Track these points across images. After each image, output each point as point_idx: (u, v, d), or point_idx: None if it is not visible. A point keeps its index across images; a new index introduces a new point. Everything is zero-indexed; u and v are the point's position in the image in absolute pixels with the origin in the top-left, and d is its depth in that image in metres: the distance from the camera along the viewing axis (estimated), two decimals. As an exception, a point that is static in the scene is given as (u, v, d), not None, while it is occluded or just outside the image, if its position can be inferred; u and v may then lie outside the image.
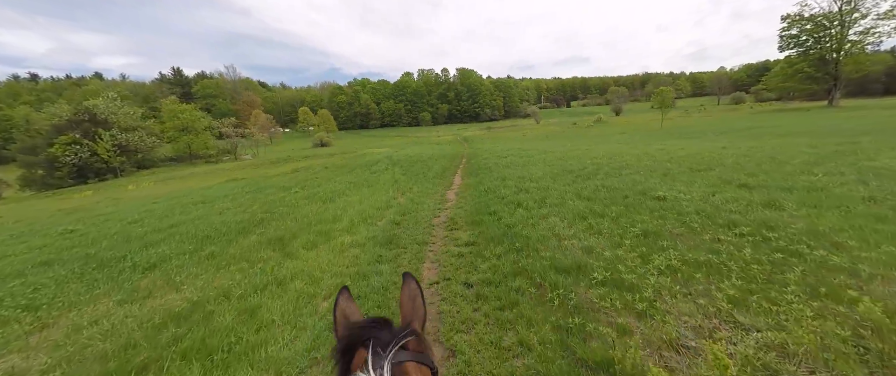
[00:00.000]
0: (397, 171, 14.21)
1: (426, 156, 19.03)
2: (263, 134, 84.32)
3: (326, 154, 28.57)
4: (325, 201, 9.35)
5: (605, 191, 6.63)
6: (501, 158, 14.77)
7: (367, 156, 23.05)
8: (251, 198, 10.88)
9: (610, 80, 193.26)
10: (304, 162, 23.25)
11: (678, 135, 19.84)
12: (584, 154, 13.51)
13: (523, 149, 18.46)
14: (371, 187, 11.17)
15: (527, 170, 10.77)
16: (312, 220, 7.04)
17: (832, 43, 34.43)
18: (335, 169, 17.45)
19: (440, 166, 14.99)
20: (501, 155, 16.12)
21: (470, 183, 10.40)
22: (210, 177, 20.53)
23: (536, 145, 21.05)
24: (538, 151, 16.33)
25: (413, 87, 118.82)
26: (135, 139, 26.00)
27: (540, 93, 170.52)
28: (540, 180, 8.82)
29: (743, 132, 17.85)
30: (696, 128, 24.55)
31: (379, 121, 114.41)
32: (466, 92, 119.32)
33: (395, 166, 16.10)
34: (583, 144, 18.97)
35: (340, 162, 20.91)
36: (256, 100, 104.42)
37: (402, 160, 17.92)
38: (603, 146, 16.39)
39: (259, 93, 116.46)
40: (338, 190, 10.91)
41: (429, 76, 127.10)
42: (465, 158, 18.16)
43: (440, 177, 12.48)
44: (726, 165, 7.97)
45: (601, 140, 21.17)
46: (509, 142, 27.38)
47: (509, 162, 13.33)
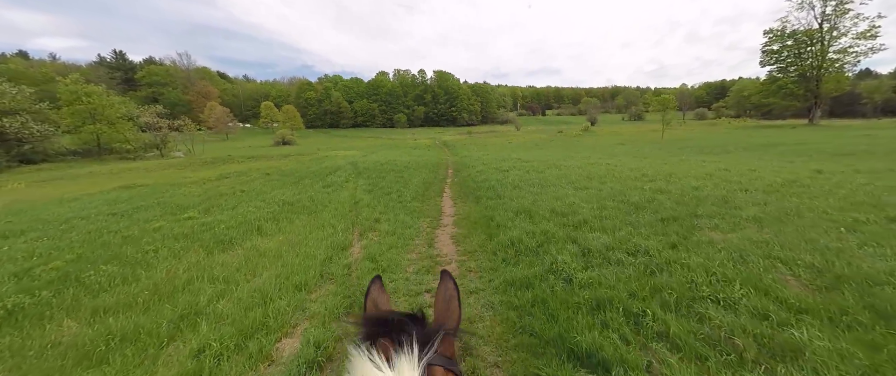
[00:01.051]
0: (361, 187, 10.13)
1: (401, 163, 15.06)
2: (218, 128, 75.87)
3: (280, 155, 23.62)
4: (217, 246, 5.16)
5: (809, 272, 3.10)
6: (502, 172, 11.16)
7: (328, 160, 18.60)
8: (99, 227, 6.34)
9: (582, 91, 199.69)
10: (245, 164, 18.38)
11: (698, 150, 17.37)
12: (615, 170, 10.25)
13: (522, 159, 15.03)
14: (314, 214, 7.07)
15: (555, 196, 7.17)
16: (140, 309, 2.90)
17: (813, 60, 35.07)
18: (279, 177, 12.99)
19: (420, 180, 11.10)
20: (499, 166, 12.52)
21: (471, 214, 6.65)
22: (105, 179, 15.13)
23: (533, 155, 17.77)
24: (544, 163, 12.93)
25: (388, 87, 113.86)
26: (15, 125, 19.46)
27: (516, 100, 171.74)
28: (597, 220, 5.20)
29: (776, 149, 15.65)
30: (705, 141, 22.53)
31: (351, 121, 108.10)
32: (444, 95, 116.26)
33: (359, 177, 11.99)
34: (594, 156, 15.86)
35: (291, 166, 16.36)
36: (213, 92, 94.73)
37: (370, 168, 13.81)
38: (625, 160, 13.30)
39: (217, 84, 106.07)
40: (257, 218, 6.70)
41: (405, 77, 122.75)
42: (452, 169, 14.40)
43: (421, 197, 8.61)
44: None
45: (608, 152, 18.28)
46: (498, 149, 24.02)
47: (517, 178, 9.72)
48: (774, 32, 37.72)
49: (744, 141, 20.70)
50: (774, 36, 37.74)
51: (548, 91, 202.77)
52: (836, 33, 33.36)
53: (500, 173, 11.01)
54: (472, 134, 57.05)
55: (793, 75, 37.28)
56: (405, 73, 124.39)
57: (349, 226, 6.17)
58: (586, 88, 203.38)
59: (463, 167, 14.02)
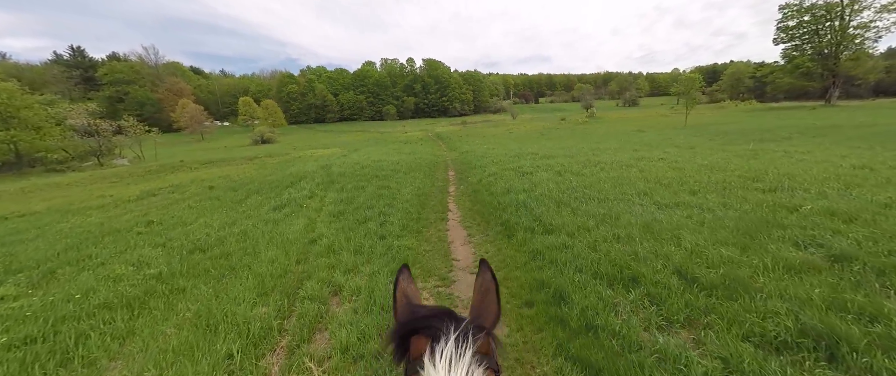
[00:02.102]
0: (327, 208, 6.99)
1: (388, 165, 11.87)
2: (192, 128, 70.82)
3: (246, 157, 20.06)
4: None
5: None
6: (525, 175, 8.11)
7: (299, 162, 15.24)
8: None
9: (574, 78, 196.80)
10: (194, 173, 14.90)
11: (742, 135, 14.47)
12: (687, 170, 7.25)
13: (539, 154, 11.95)
14: (229, 279, 3.97)
15: (648, 226, 4.12)
16: None
17: (832, 36, 32.53)
18: (223, 192, 9.68)
19: (412, 191, 7.96)
20: (516, 166, 9.45)
21: (513, 275, 3.56)
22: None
23: (548, 147, 14.71)
24: (572, 160, 9.91)
25: (375, 77, 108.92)
26: None
27: (508, 88, 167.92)
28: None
29: (840, 132, 12.90)
30: (739, 125, 19.65)
31: (337, 115, 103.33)
32: (434, 84, 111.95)
33: (329, 189, 8.79)
34: (626, 148, 12.85)
35: (250, 173, 13.00)
36: (185, 89, 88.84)
37: (347, 174, 10.58)
38: (680, 155, 10.29)
39: (190, 80, 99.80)
40: (99, 306, 3.49)
41: (393, 66, 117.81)
42: (453, 170, 11.26)
43: (414, 225, 5.59)
44: None
45: (635, 142, 15.30)
46: (502, 141, 20.86)
47: (553, 187, 6.67)
48: (791, 7, 34.96)
49: (782, 124, 17.99)
50: (791, 11, 35.01)
51: (540, 78, 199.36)
52: (858, 7, 30.76)
53: (522, 178, 7.93)
54: (466, 124, 53.72)
55: (808, 53, 34.73)
56: (393, 62, 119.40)
57: (280, 311, 3.08)
58: (578, 75, 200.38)
59: (468, 167, 10.88)
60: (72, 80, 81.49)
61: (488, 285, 0.77)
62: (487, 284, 0.77)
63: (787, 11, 35.37)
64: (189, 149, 40.44)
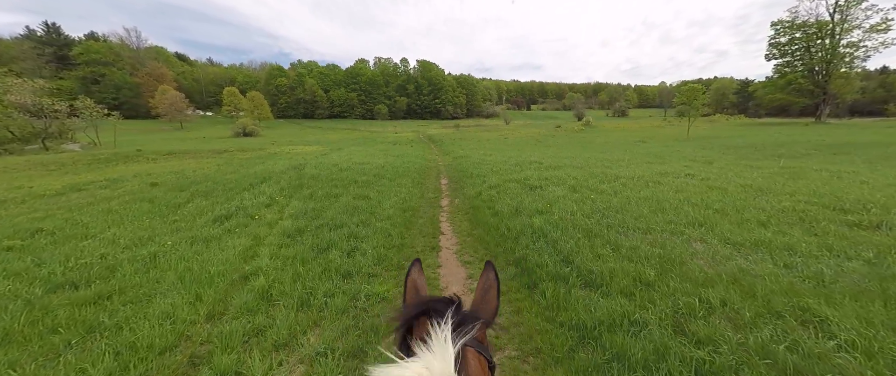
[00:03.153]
0: (285, 223, 5.42)
1: (373, 168, 10.29)
2: (171, 115, 67.19)
3: (214, 150, 18.02)
4: None
5: None
6: (534, 190, 6.68)
7: (271, 160, 13.45)
8: None
9: (565, 87, 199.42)
10: (149, 165, 12.90)
11: (756, 150, 13.51)
12: (730, 192, 5.95)
13: (545, 163, 10.58)
14: (75, 349, 2.21)
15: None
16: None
17: (823, 54, 32.87)
18: (166, 191, 7.90)
19: (396, 204, 6.44)
20: (522, 178, 8.01)
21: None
22: None
23: (551, 156, 13.40)
24: (587, 173, 8.55)
25: (368, 75, 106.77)
26: None
27: (500, 94, 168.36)
28: None
29: (861, 151, 12.05)
30: (744, 139, 18.89)
31: (327, 111, 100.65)
32: (428, 86, 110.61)
33: (296, 194, 7.19)
34: (639, 160, 11.64)
35: (210, 169, 11.16)
36: (166, 74, 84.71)
37: (322, 177, 8.95)
38: (704, 170, 9.03)
39: (174, 66, 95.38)
40: None
41: (387, 66, 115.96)
42: (446, 178, 9.77)
43: (394, 256, 3.99)
44: None
45: (644, 154, 14.18)
46: (499, 147, 19.50)
47: (576, 209, 5.24)
48: (783, 23, 35.31)
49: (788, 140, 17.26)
50: (783, 27, 35.36)
51: (532, 86, 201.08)
52: (847, 26, 31.17)
53: (531, 194, 6.51)
54: (459, 127, 52.46)
55: (800, 70, 35.08)
56: (387, 61, 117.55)
57: None
58: (570, 84, 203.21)
59: (464, 176, 9.40)
60: (43, 57, 76.34)
61: (491, 283, 0.83)
62: (490, 282, 0.83)
63: (780, 28, 35.76)
64: (159, 137, 37.68)
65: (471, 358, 0.63)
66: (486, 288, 0.83)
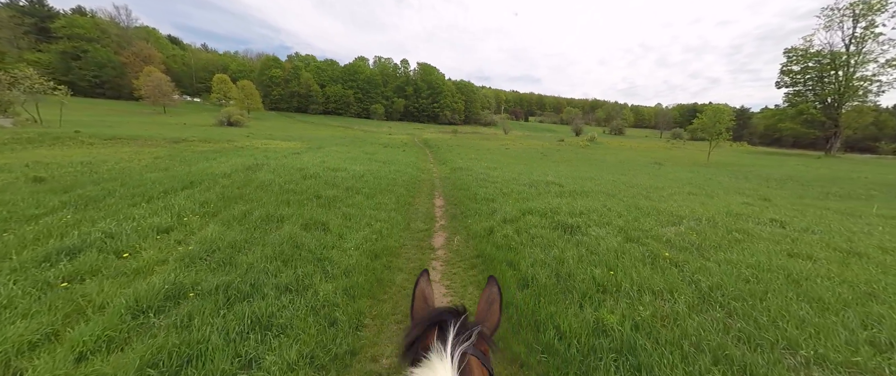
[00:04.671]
0: (167, 268, 3.03)
1: (348, 177, 8.03)
2: (154, 98, 63.65)
3: (171, 138, 15.34)
4: None
5: None
6: (566, 229, 4.48)
7: (230, 155, 11.03)
8: None
9: (563, 101, 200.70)
10: (71, 150, 10.36)
11: (803, 185, 11.64)
12: (878, 259, 3.86)
13: (564, 185, 8.44)
14: None
15: None
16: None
17: (837, 86, 31.98)
18: (28, 196, 5.44)
19: (367, 237, 4.18)
20: (548, 208, 5.85)
21: None
22: None
23: (567, 174, 11.30)
24: (636, 205, 6.43)
25: (367, 73, 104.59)
26: None
27: (499, 103, 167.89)
28: None
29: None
30: (774, 171, 17.16)
31: (321, 107, 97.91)
32: (427, 89, 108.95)
33: (222, 212, 4.90)
34: (679, 191, 9.61)
35: (136, 164, 8.70)
36: (155, 56, 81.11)
37: (275, 185, 6.66)
38: (783, 212, 6.96)
39: (164, 48, 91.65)
40: None
41: (386, 65, 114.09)
42: (441, 197, 7.54)
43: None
44: None
45: (673, 181, 12.21)
46: (502, 158, 17.37)
47: (671, 281, 3.03)
48: (796, 52, 34.46)
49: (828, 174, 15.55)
50: (796, 55, 34.50)
51: (530, 97, 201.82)
52: (862, 59, 30.40)
53: (569, 241, 4.32)
54: (457, 133, 50.43)
55: (811, 100, 34.19)
56: (387, 61, 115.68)
57: None
58: (568, 98, 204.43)
59: (466, 196, 7.17)
60: (21, 27, 71.90)
61: (493, 297, 0.86)
62: (493, 297, 0.86)
63: (793, 55, 34.87)
64: (134, 120, 34.57)
65: (474, 367, 0.65)
66: (490, 301, 0.85)
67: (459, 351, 0.62)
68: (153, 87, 64.90)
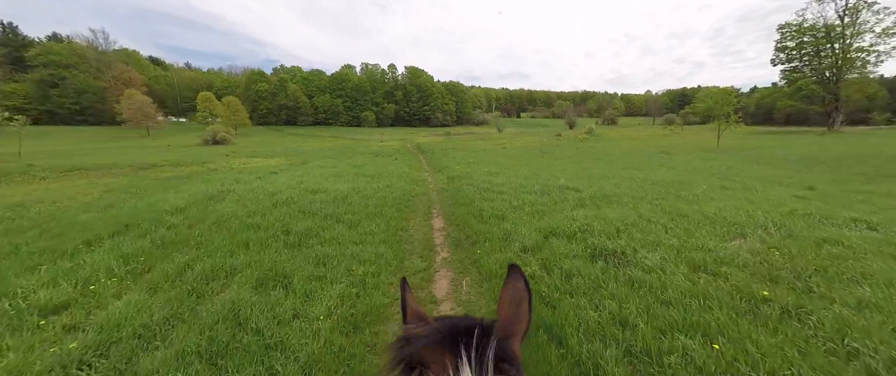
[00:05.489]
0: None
1: (329, 200, 6.85)
2: (137, 121, 61.79)
3: (137, 166, 13.83)
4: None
5: None
6: (618, 260, 3.29)
7: (198, 180, 9.74)
8: None
9: (554, 95, 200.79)
10: (8, 189, 9.07)
11: (843, 170, 10.60)
12: None
13: (584, 188, 7.29)
14: None
15: None
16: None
17: (835, 59, 31.29)
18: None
19: (343, 294, 2.93)
20: (576, 226, 4.68)
21: None
22: None
23: (573, 173, 10.18)
24: (684, 209, 5.30)
25: (355, 81, 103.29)
26: None
27: (490, 101, 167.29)
28: None
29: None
30: (789, 151, 16.18)
31: (311, 118, 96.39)
32: (417, 93, 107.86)
33: (143, 276, 3.59)
34: (712, 183, 8.54)
35: (83, 199, 7.42)
36: (136, 78, 79.28)
37: (236, 219, 5.45)
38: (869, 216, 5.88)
39: (145, 69, 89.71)
40: None
41: (374, 72, 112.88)
42: (440, 215, 6.33)
43: None
44: None
45: (695, 169, 11.15)
46: (502, 160, 16.21)
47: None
48: (790, 27, 33.77)
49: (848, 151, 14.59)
50: (790, 31, 33.82)
51: (521, 93, 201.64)
52: (857, 30, 29.75)
53: (625, 286, 3.15)
54: (451, 135, 49.27)
55: (809, 75, 33.46)
56: (374, 67, 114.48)
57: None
58: (558, 92, 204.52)
59: (470, 215, 5.98)
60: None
61: (520, 295, 0.64)
62: (520, 294, 0.64)
63: (787, 31, 34.14)
64: (114, 146, 32.96)
65: None
66: (517, 300, 0.63)
67: None
68: (135, 109, 63.00)
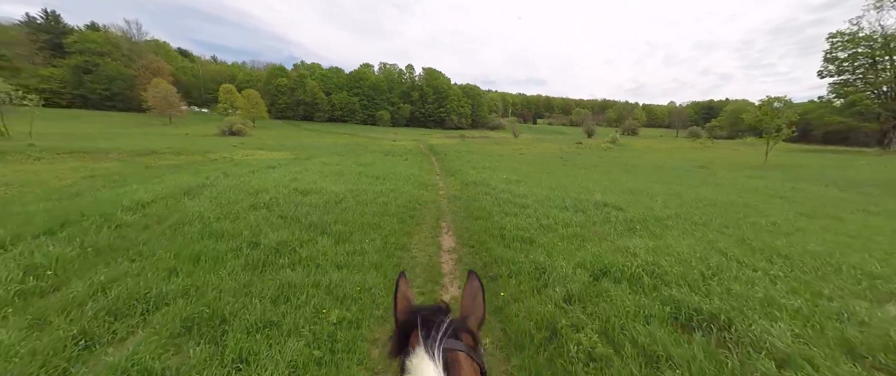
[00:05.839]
0: None
1: (320, 204, 5.79)
2: (160, 109, 63.40)
3: (137, 152, 13.26)
4: None
5: None
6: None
7: (190, 170, 8.89)
8: None
9: (572, 102, 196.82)
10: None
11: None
12: None
13: (630, 209, 5.94)
14: None
15: None
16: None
17: (894, 71, 28.22)
18: None
19: (296, 347, 1.76)
20: (645, 260, 3.41)
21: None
22: None
23: (605, 184, 8.80)
24: (781, 248, 3.93)
25: (372, 80, 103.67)
26: None
27: (506, 106, 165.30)
28: None
29: None
30: (852, 174, 14.29)
31: (327, 114, 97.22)
32: (433, 94, 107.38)
33: (31, 302, 2.47)
34: (793, 208, 7.03)
35: (49, 185, 6.62)
36: (164, 68, 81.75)
37: (201, 221, 4.41)
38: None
39: (174, 61, 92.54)
40: None
41: (391, 71, 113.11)
42: (452, 231, 5.12)
43: None
44: None
45: (772, 194, 9.52)
46: (521, 166, 14.90)
47: None
48: (842, 36, 30.80)
49: None
50: (841, 41, 30.85)
51: (538, 99, 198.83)
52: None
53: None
54: (465, 138, 48.06)
55: (862, 89, 30.41)
56: (392, 67, 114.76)
57: None
58: (576, 100, 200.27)
59: (487, 233, 4.77)
60: (35, 43, 73.22)
61: (476, 290, 0.85)
62: (475, 290, 0.85)
63: (837, 41, 30.97)
64: (136, 132, 33.30)
65: (462, 362, 0.64)
66: (473, 294, 0.84)
67: (443, 347, 0.62)
68: (160, 98, 64.69)
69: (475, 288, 0.85)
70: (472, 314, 0.81)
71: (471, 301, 0.84)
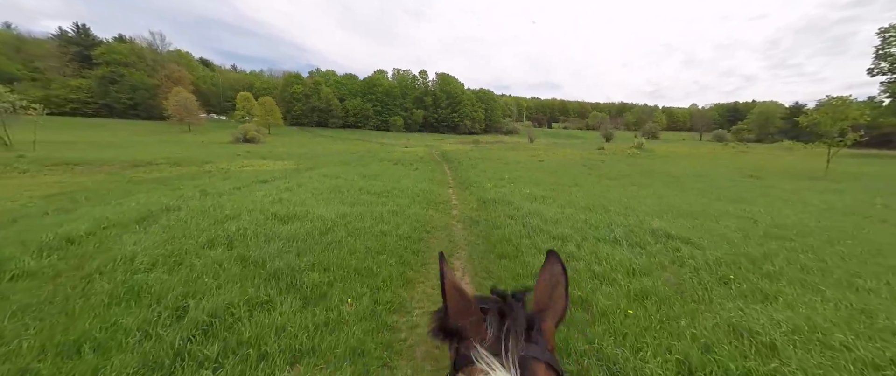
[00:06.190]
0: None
1: (301, 238, 4.60)
2: (179, 117, 65.13)
3: (132, 162, 12.55)
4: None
5: None
6: None
7: (172, 185, 7.94)
8: None
9: (588, 106, 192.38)
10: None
11: None
12: None
13: (727, 252, 4.45)
14: None
15: None
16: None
17: None
18: None
19: None
20: (807, 349, 1.92)
21: None
22: None
23: (653, 205, 7.28)
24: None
25: (385, 86, 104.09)
26: None
27: (520, 110, 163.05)
28: None
29: None
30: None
31: (341, 121, 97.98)
32: (446, 99, 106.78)
33: None
34: None
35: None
36: (185, 77, 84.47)
37: (145, 280, 3.19)
38: None
39: (195, 70, 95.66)
40: None
41: (404, 77, 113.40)
42: (471, 281, 3.76)
43: None
44: None
45: (818, 207, 7.81)
46: (544, 176, 13.37)
47: None
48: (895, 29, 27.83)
49: None
50: (895, 35, 27.85)
51: (553, 103, 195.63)
52: None
53: None
54: (479, 144, 46.73)
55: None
56: (405, 73, 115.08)
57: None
58: (593, 103, 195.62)
59: (518, 281, 3.45)
60: (65, 55, 77.16)
61: (557, 278, 0.69)
62: (556, 277, 0.69)
63: (891, 35, 27.93)
64: (154, 140, 33.73)
65: (540, 374, 0.50)
66: (553, 282, 0.68)
67: (522, 356, 0.48)
68: (179, 106, 66.48)
69: (555, 275, 0.68)
70: (550, 308, 0.65)
71: (548, 291, 0.67)
